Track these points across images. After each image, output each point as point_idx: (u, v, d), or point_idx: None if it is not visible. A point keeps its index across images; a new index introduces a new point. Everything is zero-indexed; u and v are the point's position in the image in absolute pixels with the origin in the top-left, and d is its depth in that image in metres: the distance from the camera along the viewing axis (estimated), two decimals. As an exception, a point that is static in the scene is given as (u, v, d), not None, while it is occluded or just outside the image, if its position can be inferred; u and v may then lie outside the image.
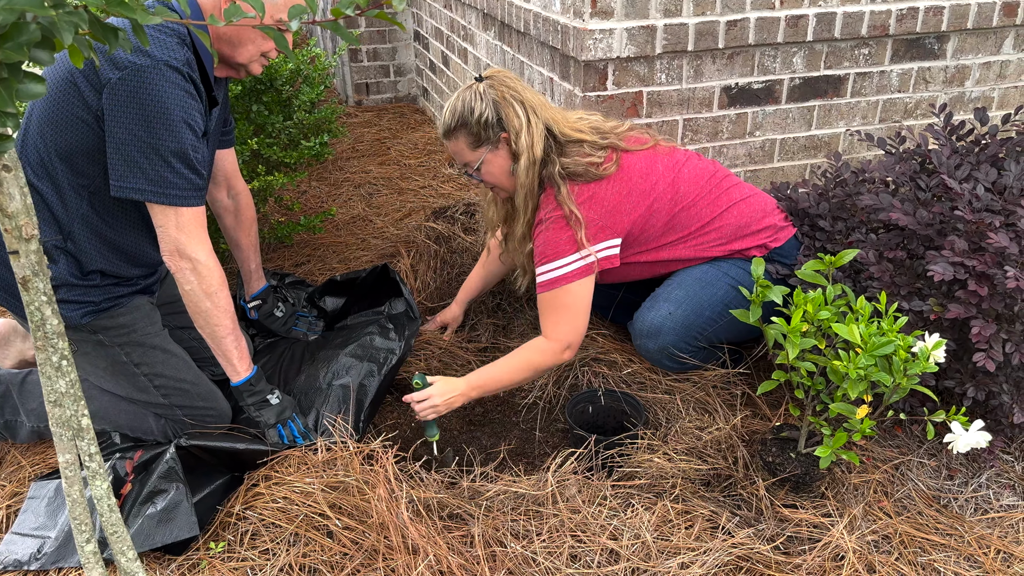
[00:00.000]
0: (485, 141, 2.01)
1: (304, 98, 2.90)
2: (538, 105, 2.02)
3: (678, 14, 2.50)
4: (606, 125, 2.13)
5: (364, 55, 5.09)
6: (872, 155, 3.04)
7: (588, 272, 2.01)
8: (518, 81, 2.03)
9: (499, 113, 1.98)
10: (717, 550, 1.67)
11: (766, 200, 2.23)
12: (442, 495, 1.80)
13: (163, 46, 1.72)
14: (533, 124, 1.99)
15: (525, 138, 1.98)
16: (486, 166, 2.05)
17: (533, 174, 2.02)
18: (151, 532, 1.70)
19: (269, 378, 2.27)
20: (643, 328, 2.18)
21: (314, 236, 3.30)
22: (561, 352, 2.04)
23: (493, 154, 2.03)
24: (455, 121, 2.01)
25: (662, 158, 2.13)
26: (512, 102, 1.98)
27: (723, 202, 2.14)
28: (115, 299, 1.95)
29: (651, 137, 2.17)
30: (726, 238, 2.15)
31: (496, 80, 2.01)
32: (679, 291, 2.15)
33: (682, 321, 2.13)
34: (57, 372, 1.15)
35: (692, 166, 2.15)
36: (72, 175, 1.81)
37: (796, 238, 2.22)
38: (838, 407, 1.69)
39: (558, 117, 2.06)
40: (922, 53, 2.87)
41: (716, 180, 2.16)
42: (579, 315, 2.04)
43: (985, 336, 1.74)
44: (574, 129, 2.06)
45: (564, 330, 2.03)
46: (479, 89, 2.00)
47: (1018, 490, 1.92)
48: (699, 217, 2.13)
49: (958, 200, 1.91)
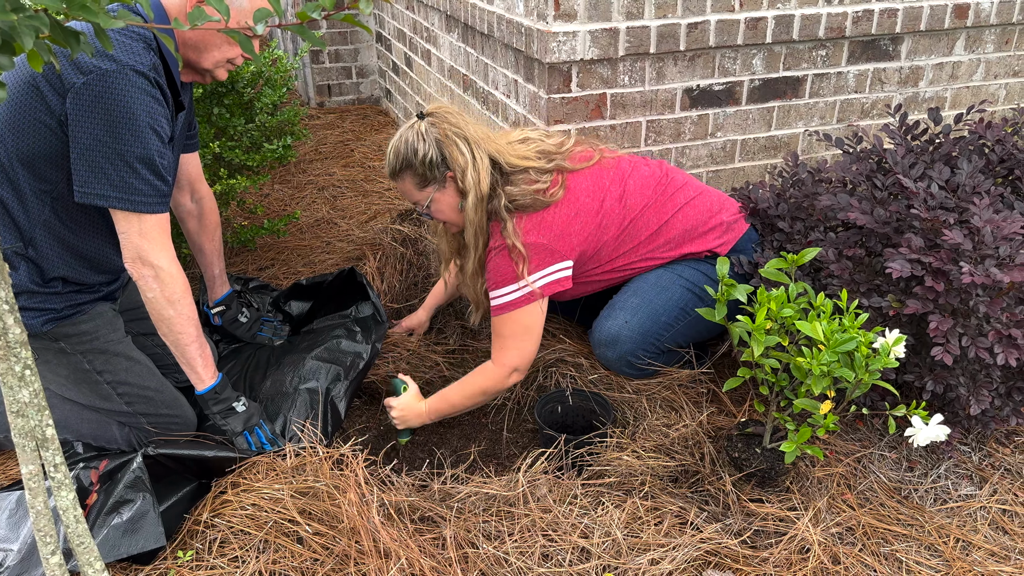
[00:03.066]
0: (432, 181, 2.01)
1: (266, 100, 2.87)
2: (482, 139, 2.01)
3: (640, 16, 2.52)
4: (550, 144, 2.14)
5: (326, 57, 5.05)
6: (830, 155, 3.10)
7: (531, 299, 2.02)
8: (460, 116, 2.02)
9: (443, 152, 1.97)
10: (686, 545, 1.70)
11: (713, 198, 2.25)
12: (413, 498, 1.80)
13: (129, 51, 1.69)
14: (478, 159, 1.98)
15: (471, 175, 1.97)
16: (435, 204, 2.05)
17: (481, 211, 2.01)
18: (117, 543, 1.68)
19: (235, 384, 2.25)
20: (601, 338, 2.20)
21: (278, 240, 3.27)
22: (507, 376, 2.07)
23: (441, 193, 2.03)
24: (399, 163, 2.00)
25: (608, 172, 2.14)
26: (455, 140, 1.97)
27: (670, 207, 2.17)
28: (77, 306, 1.92)
29: (596, 150, 2.18)
30: (675, 242, 2.18)
31: (438, 117, 1.99)
32: (634, 298, 2.18)
33: (639, 328, 2.16)
34: (20, 382, 1.13)
35: (639, 175, 2.17)
36: (34, 180, 1.78)
37: (754, 229, 2.26)
38: (802, 403, 1.72)
39: (502, 147, 2.05)
40: (877, 54, 2.94)
41: (663, 186, 2.19)
42: (525, 341, 2.06)
43: (942, 330, 1.79)
44: (520, 157, 2.06)
45: (510, 355, 2.06)
46: (420, 129, 1.98)
47: (975, 480, 1.97)
48: (648, 225, 2.15)
49: (914, 198, 1.96)
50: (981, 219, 1.83)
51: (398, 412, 2.11)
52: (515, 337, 2.05)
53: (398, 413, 2.11)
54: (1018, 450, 2.07)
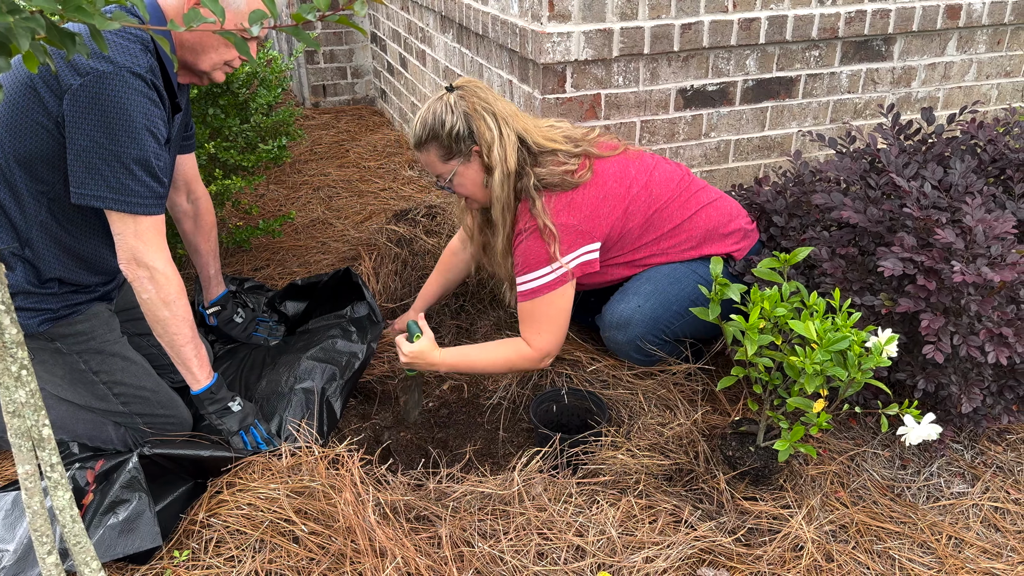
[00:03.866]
0: (457, 154, 2.00)
1: (261, 101, 2.88)
2: (510, 115, 2.01)
3: (634, 17, 2.53)
4: (577, 132, 2.15)
5: (320, 57, 5.05)
6: (823, 155, 3.11)
7: (564, 281, 2.03)
8: (489, 91, 2.01)
9: (470, 126, 1.96)
10: (680, 543, 1.71)
11: (732, 203, 2.28)
12: (409, 497, 1.81)
13: (126, 52, 1.69)
14: (506, 136, 1.98)
15: (498, 151, 1.97)
16: (458, 178, 2.04)
17: (508, 187, 2.01)
18: (113, 542, 1.68)
19: (230, 384, 2.25)
20: (613, 320, 2.21)
21: (273, 240, 3.28)
22: (540, 360, 2.09)
23: (465, 167, 2.02)
24: (426, 133, 1.99)
25: (634, 162, 2.15)
26: (483, 114, 1.96)
27: (693, 204, 2.18)
28: (73, 306, 1.92)
29: (620, 142, 2.20)
30: (697, 240, 2.19)
31: (467, 91, 1.99)
32: (648, 285, 2.19)
33: (650, 314, 2.17)
34: (17, 382, 1.14)
35: (663, 169, 2.19)
36: (31, 181, 1.78)
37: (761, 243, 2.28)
38: (795, 401, 1.73)
39: (530, 127, 2.05)
40: (870, 55, 2.95)
41: (685, 183, 2.20)
42: (558, 324, 2.07)
43: (934, 329, 1.80)
44: (547, 138, 2.06)
45: (544, 339, 2.06)
46: (449, 100, 1.97)
47: (968, 478, 1.99)
48: (672, 218, 2.16)
49: (906, 198, 1.97)
50: (973, 218, 1.84)
51: (409, 357, 2.06)
52: (550, 320, 2.05)
53: (409, 358, 2.07)
54: (1010, 448, 2.08)
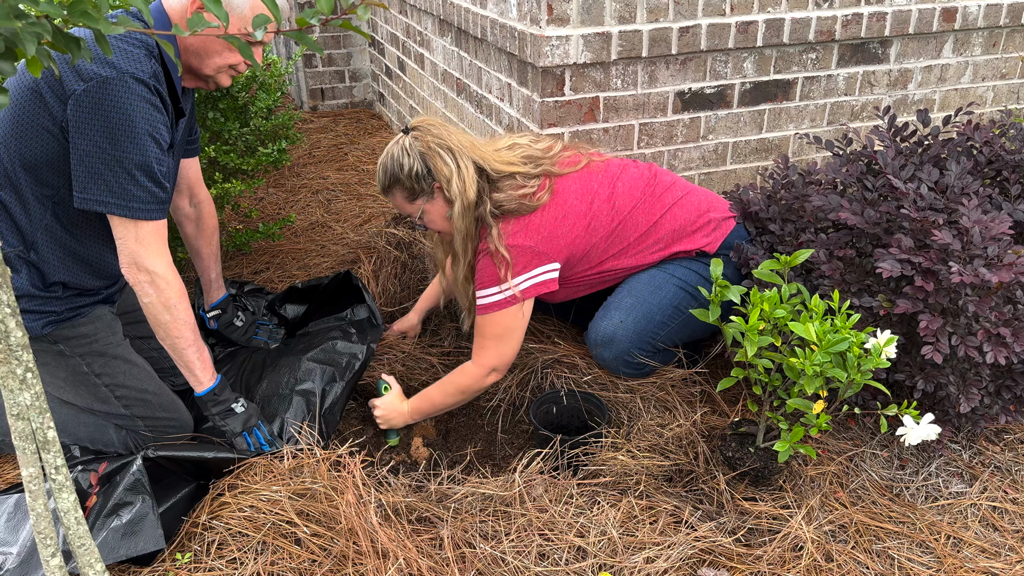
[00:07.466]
0: (420, 193, 2.04)
1: (260, 104, 2.88)
2: (466, 146, 2.04)
3: (632, 21, 2.54)
4: (537, 149, 2.16)
5: (319, 60, 5.06)
6: (820, 157, 3.12)
7: (512, 302, 2.05)
8: (444, 127, 2.05)
9: (427, 164, 2.00)
10: (681, 544, 1.71)
11: (702, 197, 2.28)
12: (410, 499, 1.82)
13: (130, 57, 1.70)
14: (463, 168, 2.01)
15: (456, 184, 2.00)
16: (427, 216, 2.10)
17: (469, 218, 2.04)
18: (116, 545, 1.68)
19: (231, 387, 2.26)
20: (597, 338, 2.22)
21: (273, 243, 3.28)
22: (485, 376, 2.11)
23: (430, 204, 2.07)
24: (388, 179, 2.05)
25: (596, 175, 2.17)
26: (438, 150, 2.00)
27: (659, 208, 2.19)
28: (76, 309, 1.93)
29: (583, 154, 2.21)
30: (665, 242, 2.20)
31: (421, 130, 2.03)
32: (629, 298, 2.20)
33: (634, 328, 2.17)
34: (21, 385, 1.14)
35: (627, 176, 2.20)
36: (36, 185, 1.79)
37: (743, 227, 2.28)
38: (795, 402, 1.74)
39: (488, 154, 2.08)
40: (867, 57, 2.97)
41: (651, 187, 2.21)
42: (505, 342, 2.09)
43: (932, 330, 1.81)
44: (505, 163, 2.08)
45: (489, 356, 2.10)
46: (405, 143, 2.02)
47: (966, 478, 2.00)
48: (638, 226, 2.17)
49: (903, 199, 1.98)
50: (970, 219, 1.85)
51: (381, 412, 2.17)
52: (495, 338, 2.08)
53: (381, 413, 2.17)
54: (1008, 448, 2.09)
